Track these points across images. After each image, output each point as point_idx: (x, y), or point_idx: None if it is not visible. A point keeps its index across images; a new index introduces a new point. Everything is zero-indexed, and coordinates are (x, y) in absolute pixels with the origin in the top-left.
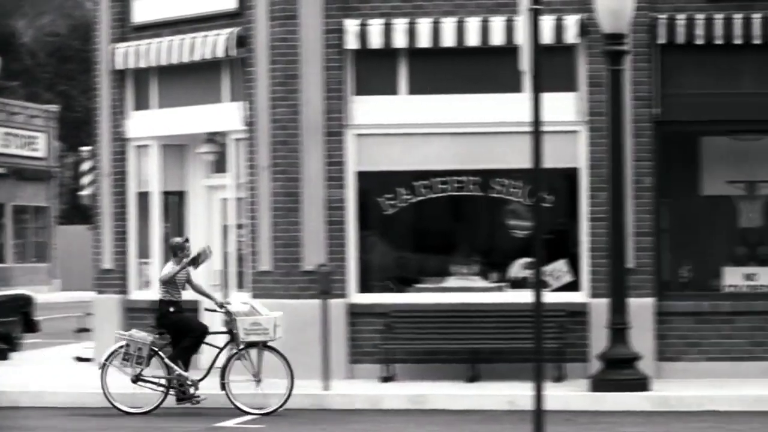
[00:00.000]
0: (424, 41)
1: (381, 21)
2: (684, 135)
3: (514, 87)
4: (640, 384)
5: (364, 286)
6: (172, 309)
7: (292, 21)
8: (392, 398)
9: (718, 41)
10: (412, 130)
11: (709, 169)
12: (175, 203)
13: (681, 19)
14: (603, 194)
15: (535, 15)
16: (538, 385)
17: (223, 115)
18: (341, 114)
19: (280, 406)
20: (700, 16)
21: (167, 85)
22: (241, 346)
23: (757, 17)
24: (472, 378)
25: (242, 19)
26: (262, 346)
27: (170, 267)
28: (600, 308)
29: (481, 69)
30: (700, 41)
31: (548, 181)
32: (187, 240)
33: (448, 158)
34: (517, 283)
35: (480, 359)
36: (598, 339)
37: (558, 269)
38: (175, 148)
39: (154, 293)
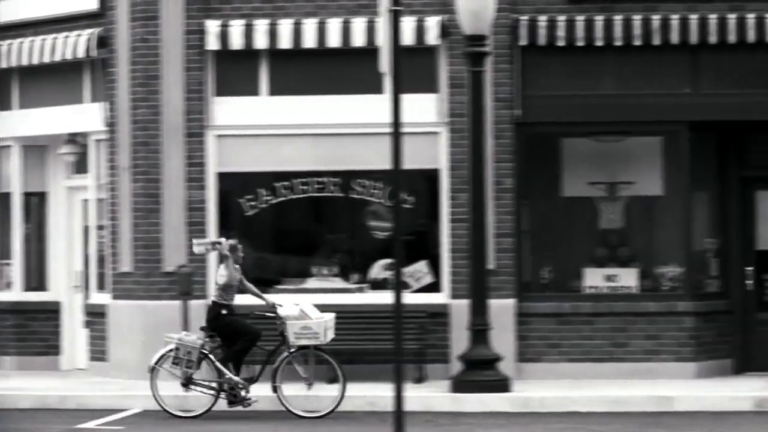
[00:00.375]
0: (285, 42)
1: (242, 22)
2: (545, 136)
3: (375, 88)
4: (501, 385)
5: None
6: (224, 312)
7: (154, 22)
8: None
9: (580, 43)
10: (273, 131)
11: (569, 170)
12: (36, 204)
13: (542, 20)
14: (464, 195)
15: (395, 16)
16: (398, 387)
17: (85, 115)
18: (202, 115)
19: (333, 409)
20: (561, 18)
21: (29, 86)
22: (292, 350)
23: (618, 19)
24: (333, 379)
25: (104, 19)
26: (313, 349)
27: (224, 269)
28: (461, 309)
29: (343, 70)
30: (561, 43)
31: (409, 183)
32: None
33: (309, 159)
34: (378, 285)
35: (340, 360)
36: (459, 340)
37: (419, 270)
38: (36, 149)
39: (15, 294)
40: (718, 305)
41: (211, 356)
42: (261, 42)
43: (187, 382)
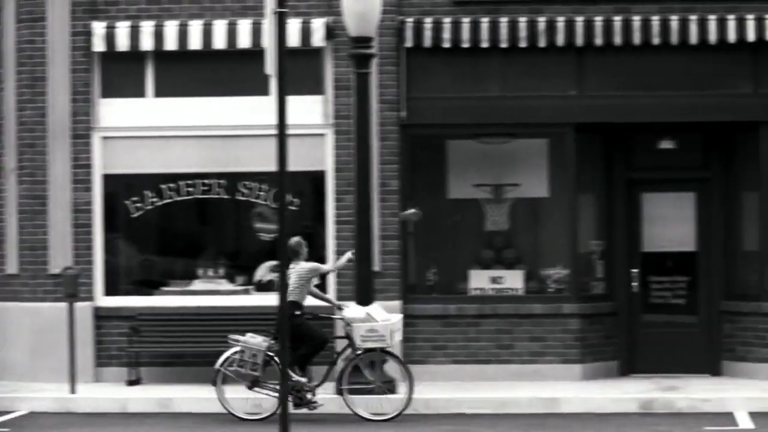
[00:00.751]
0: (170, 44)
1: (128, 24)
2: (430, 138)
3: (261, 90)
4: (388, 387)
5: (111, 289)
6: (297, 312)
7: (40, 23)
8: (139, 401)
9: (465, 44)
10: (158, 133)
11: (455, 172)
12: None
13: (428, 22)
14: (349, 197)
15: (280, 18)
16: (283, 389)
17: None
18: (88, 117)
19: (401, 412)
20: (447, 20)
21: None
22: (358, 352)
23: (503, 21)
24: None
25: None
26: (380, 351)
27: (305, 265)
28: None
29: (228, 72)
30: (447, 44)
31: (295, 185)
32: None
33: (195, 161)
34: (263, 286)
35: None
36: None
37: None
38: None
39: None
40: (603, 307)
41: (276, 359)
42: (147, 44)
43: (253, 385)
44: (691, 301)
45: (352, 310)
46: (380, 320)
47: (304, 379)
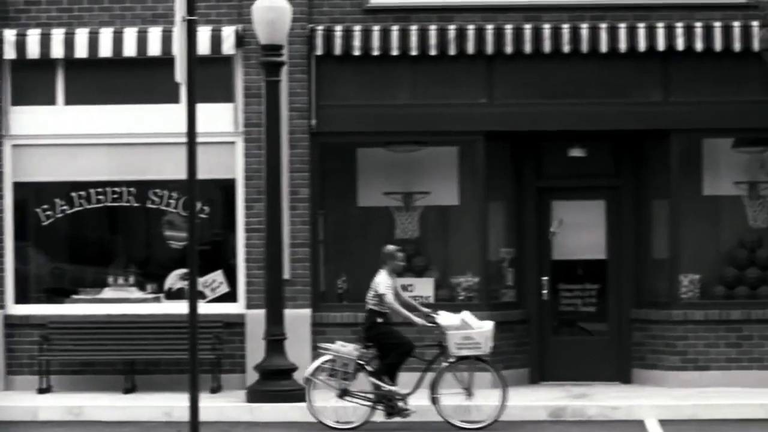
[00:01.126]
0: (81, 51)
1: (39, 31)
2: (340, 146)
3: (172, 98)
4: (297, 395)
5: (21, 298)
6: (380, 320)
7: None
8: (49, 410)
9: (376, 52)
10: (69, 140)
11: (365, 180)
12: None
13: (338, 30)
14: (259, 205)
15: (190, 26)
16: (193, 397)
17: None
18: None
19: (495, 419)
20: (357, 28)
21: None
22: (451, 359)
23: (414, 29)
24: (129, 389)
25: None
26: (474, 359)
27: (384, 277)
28: (257, 319)
29: (139, 79)
30: (357, 52)
31: (205, 192)
32: (400, 250)
33: (106, 169)
34: (174, 294)
35: (137, 370)
36: (255, 350)
37: (214, 280)
38: None
39: None
40: (514, 315)
41: (368, 368)
42: (57, 51)
43: (344, 394)
44: (601, 309)
45: (445, 317)
46: (475, 327)
47: (395, 388)
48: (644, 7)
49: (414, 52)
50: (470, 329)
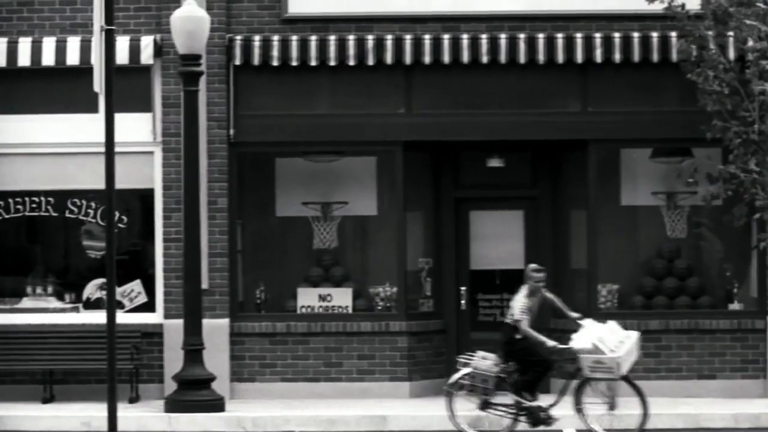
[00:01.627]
0: (0, 61)
1: None
2: (259, 156)
3: (90, 107)
4: (216, 405)
5: None
6: (517, 336)
7: None
8: None
9: (294, 62)
10: None
11: (283, 190)
12: None
13: (257, 40)
14: (178, 215)
15: (108, 35)
16: (111, 407)
17: None
18: None
19: (641, 428)
20: (275, 38)
21: None
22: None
23: (332, 39)
24: (48, 399)
25: None
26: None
27: (521, 297)
28: (175, 329)
29: (57, 89)
30: (275, 62)
31: (123, 202)
32: (540, 269)
33: (24, 178)
34: (92, 304)
35: (55, 380)
36: (174, 360)
37: (132, 290)
38: None
39: None
40: (432, 325)
41: (508, 381)
42: None
43: (485, 406)
44: None
45: (580, 338)
46: (608, 352)
47: (535, 404)
48: (563, 17)
49: (332, 63)
50: (601, 354)
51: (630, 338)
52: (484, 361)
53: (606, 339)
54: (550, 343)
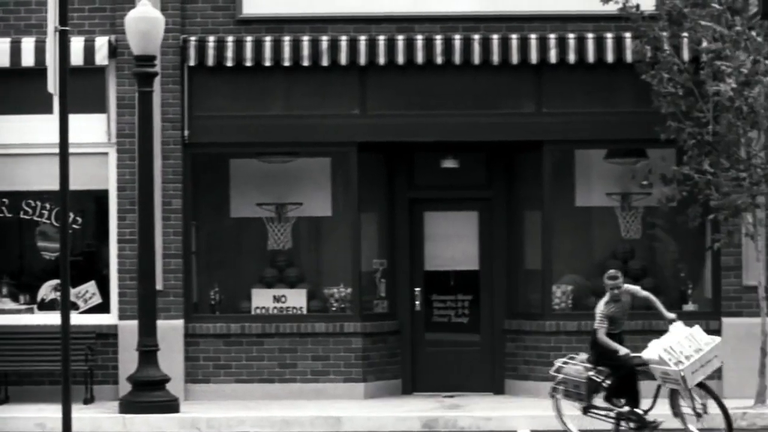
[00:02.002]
0: None
1: None
2: (213, 157)
3: (45, 108)
4: (170, 406)
5: None
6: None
7: None
8: None
9: (248, 63)
10: None
11: (238, 191)
12: None
13: (211, 41)
14: (132, 216)
15: (63, 36)
16: (66, 408)
17: None
18: None
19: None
20: (230, 39)
21: None
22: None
23: (287, 40)
24: (2, 400)
25: None
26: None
27: (601, 305)
28: (129, 330)
29: (12, 90)
30: (230, 63)
31: (78, 203)
32: (614, 276)
33: None
34: (47, 305)
35: (9, 381)
36: (128, 361)
37: (87, 291)
38: None
39: None
40: (386, 326)
41: (603, 385)
42: None
43: (587, 409)
44: (473, 320)
45: (651, 347)
46: (672, 365)
47: (626, 409)
48: (517, 18)
49: (287, 63)
50: (666, 366)
51: (707, 346)
52: (575, 366)
53: (676, 349)
54: (622, 351)
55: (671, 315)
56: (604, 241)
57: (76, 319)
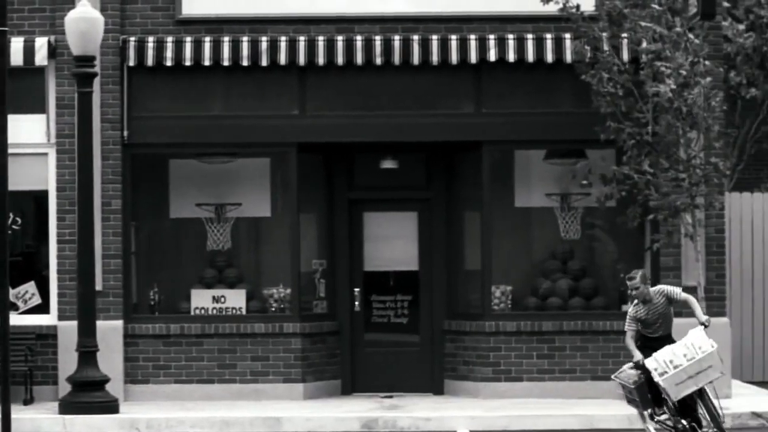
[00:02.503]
0: None
1: None
2: (153, 157)
3: None
4: (110, 406)
5: None
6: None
7: None
8: None
9: (188, 63)
10: None
11: (177, 191)
12: None
13: (150, 41)
14: (72, 216)
15: (1, 36)
16: (5, 409)
17: None
18: None
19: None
20: (169, 39)
21: None
22: None
23: (226, 40)
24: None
25: None
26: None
27: (631, 308)
28: (69, 330)
29: None
30: (169, 63)
31: (17, 204)
32: (630, 276)
33: None
34: None
35: None
36: (68, 362)
37: (27, 291)
38: None
39: None
40: (326, 326)
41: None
42: None
43: (651, 417)
44: (413, 320)
45: (653, 359)
46: (656, 376)
47: (664, 416)
48: (456, 19)
49: (226, 63)
50: (656, 377)
51: (700, 354)
52: (627, 371)
53: (668, 358)
54: (636, 357)
55: (703, 318)
56: (544, 241)
57: (16, 319)
